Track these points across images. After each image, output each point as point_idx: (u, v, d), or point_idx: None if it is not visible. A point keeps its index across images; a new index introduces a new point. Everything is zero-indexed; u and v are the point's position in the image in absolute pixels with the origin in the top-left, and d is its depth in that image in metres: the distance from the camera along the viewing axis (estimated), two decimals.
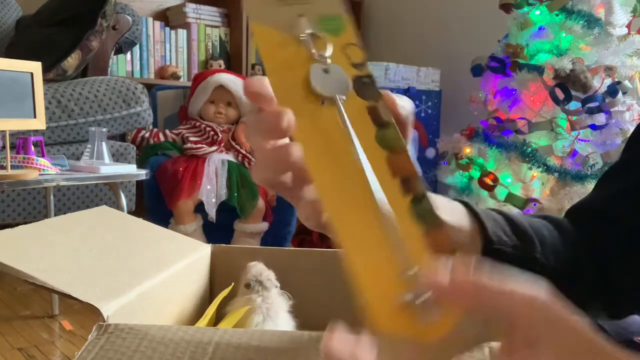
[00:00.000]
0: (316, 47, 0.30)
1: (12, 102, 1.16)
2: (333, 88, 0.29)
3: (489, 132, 1.97)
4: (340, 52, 0.30)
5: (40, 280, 0.45)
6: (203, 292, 0.69)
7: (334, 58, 0.30)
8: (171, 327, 0.38)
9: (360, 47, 0.31)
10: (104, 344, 0.36)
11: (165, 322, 0.57)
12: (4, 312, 1.54)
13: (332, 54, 0.30)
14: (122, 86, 1.85)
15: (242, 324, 0.61)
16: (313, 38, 0.30)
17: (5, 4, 2.11)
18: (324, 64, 0.29)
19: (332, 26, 0.31)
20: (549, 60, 1.86)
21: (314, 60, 0.29)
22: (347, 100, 0.29)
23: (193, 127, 2.10)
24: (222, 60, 2.70)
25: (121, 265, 0.55)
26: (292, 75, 0.29)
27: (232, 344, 0.36)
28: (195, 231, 1.90)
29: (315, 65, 0.29)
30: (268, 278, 0.64)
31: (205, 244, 0.72)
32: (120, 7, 2.02)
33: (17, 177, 1.20)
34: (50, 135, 1.68)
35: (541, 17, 1.97)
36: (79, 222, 0.65)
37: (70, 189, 1.69)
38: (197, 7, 2.68)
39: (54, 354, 1.29)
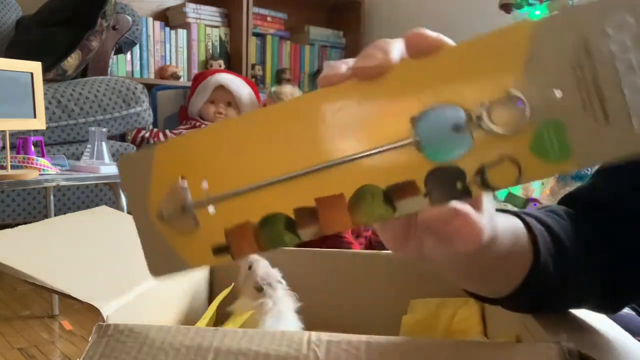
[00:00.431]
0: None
1: (12, 102, 1.16)
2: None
3: None
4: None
5: (40, 280, 0.45)
6: (203, 292, 0.69)
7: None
8: (171, 329, 0.38)
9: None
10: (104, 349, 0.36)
11: (165, 322, 0.57)
12: (4, 312, 1.54)
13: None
14: (122, 86, 1.85)
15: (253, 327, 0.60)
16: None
17: (5, 4, 2.11)
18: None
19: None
20: None
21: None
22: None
23: (193, 127, 2.10)
24: (222, 60, 2.70)
25: (121, 265, 0.55)
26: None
27: (232, 350, 0.35)
28: None
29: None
30: (276, 279, 0.64)
31: None
32: (120, 7, 2.02)
33: (17, 177, 1.20)
34: (50, 135, 1.68)
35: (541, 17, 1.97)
36: (79, 222, 0.65)
37: (70, 189, 1.69)
38: (197, 7, 2.68)
39: (54, 354, 1.29)
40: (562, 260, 0.39)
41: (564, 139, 0.25)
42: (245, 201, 0.29)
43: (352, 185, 0.27)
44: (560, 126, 0.25)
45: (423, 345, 0.36)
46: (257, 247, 0.29)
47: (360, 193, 0.27)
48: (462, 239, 0.28)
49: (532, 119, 0.25)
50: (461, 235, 0.28)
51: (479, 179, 0.26)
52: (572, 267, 0.40)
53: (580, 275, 0.40)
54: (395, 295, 0.66)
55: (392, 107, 0.27)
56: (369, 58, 0.27)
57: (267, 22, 2.93)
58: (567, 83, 0.25)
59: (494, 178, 0.26)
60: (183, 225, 0.30)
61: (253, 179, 0.28)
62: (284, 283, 0.64)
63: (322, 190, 0.28)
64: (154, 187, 0.30)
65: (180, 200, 0.30)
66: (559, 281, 0.39)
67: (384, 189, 0.27)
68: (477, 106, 0.26)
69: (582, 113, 0.25)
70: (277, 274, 0.65)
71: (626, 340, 0.39)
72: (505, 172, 0.26)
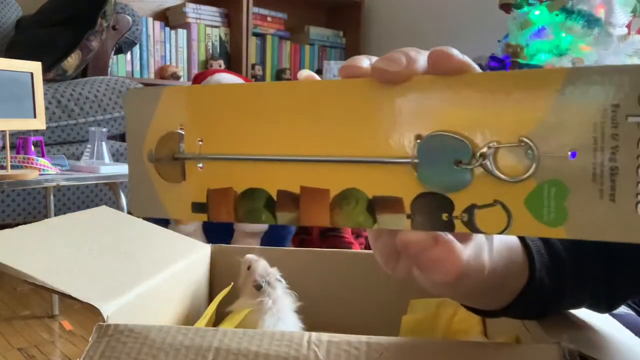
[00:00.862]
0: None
1: (12, 102, 1.16)
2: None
3: None
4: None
5: (40, 280, 0.45)
6: (203, 292, 0.69)
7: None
8: (170, 329, 0.38)
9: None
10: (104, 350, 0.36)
11: (165, 322, 0.57)
12: (4, 312, 1.54)
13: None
14: (122, 86, 1.85)
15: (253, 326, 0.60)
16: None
17: (5, 4, 2.11)
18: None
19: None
20: (549, 60, 1.86)
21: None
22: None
23: None
24: (222, 60, 2.70)
25: (121, 265, 0.55)
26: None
27: (231, 350, 0.35)
28: (195, 231, 1.90)
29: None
30: (275, 277, 0.64)
31: (205, 244, 0.72)
32: (120, 7, 2.02)
33: (17, 177, 1.20)
34: (50, 135, 1.68)
35: (541, 17, 1.97)
36: (79, 222, 0.65)
37: (70, 189, 1.69)
38: (197, 7, 2.68)
39: (54, 354, 1.29)
40: (557, 271, 0.39)
41: (563, 203, 0.24)
42: (234, 168, 0.29)
43: (340, 185, 0.27)
44: (564, 189, 0.24)
45: (423, 345, 0.36)
46: (234, 215, 0.29)
47: (346, 194, 0.27)
48: (439, 270, 0.27)
49: (537, 173, 0.24)
50: (438, 266, 0.27)
51: (466, 216, 0.25)
52: (567, 275, 0.40)
53: (575, 279, 0.40)
54: (395, 295, 0.66)
55: (401, 118, 0.26)
56: (393, 62, 0.26)
57: (267, 22, 2.93)
58: (584, 147, 0.23)
59: (481, 220, 0.25)
60: (170, 173, 0.30)
61: (248, 149, 0.28)
62: (283, 282, 0.64)
63: (310, 180, 0.27)
64: (153, 128, 0.30)
65: (173, 148, 0.30)
66: (554, 292, 0.39)
67: (370, 197, 0.27)
68: (485, 145, 0.25)
69: (590, 183, 0.23)
70: (276, 273, 0.65)
71: (628, 340, 0.39)
72: (494, 218, 0.25)
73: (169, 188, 0.30)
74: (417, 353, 0.35)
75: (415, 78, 0.26)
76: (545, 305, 0.40)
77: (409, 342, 0.37)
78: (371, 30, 3.11)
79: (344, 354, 0.35)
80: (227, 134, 0.29)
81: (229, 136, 0.29)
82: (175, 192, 0.30)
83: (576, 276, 0.40)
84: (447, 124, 0.25)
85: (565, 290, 0.40)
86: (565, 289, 0.40)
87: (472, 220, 0.25)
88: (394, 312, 0.64)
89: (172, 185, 0.30)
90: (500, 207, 0.25)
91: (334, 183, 0.27)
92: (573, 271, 0.40)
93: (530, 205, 0.24)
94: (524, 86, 0.24)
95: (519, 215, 0.25)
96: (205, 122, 0.29)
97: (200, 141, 0.29)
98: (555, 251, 0.40)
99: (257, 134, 0.28)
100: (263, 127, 0.28)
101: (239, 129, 0.29)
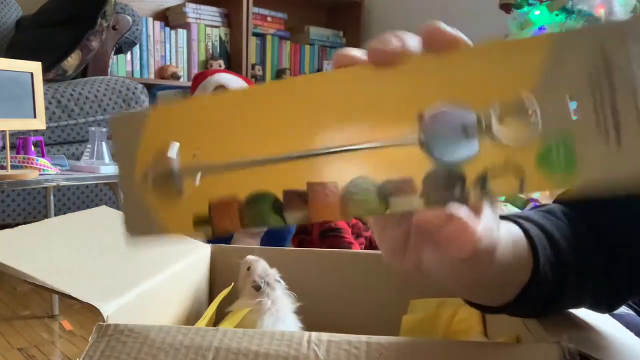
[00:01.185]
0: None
1: (12, 102, 1.16)
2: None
3: None
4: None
5: (40, 280, 0.45)
6: (203, 292, 0.69)
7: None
8: (171, 329, 0.38)
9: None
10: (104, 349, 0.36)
11: (165, 322, 0.57)
12: (4, 312, 1.54)
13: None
14: (122, 86, 1.85)
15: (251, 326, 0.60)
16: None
17: (5, 4, 2.11)
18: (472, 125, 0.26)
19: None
20: None
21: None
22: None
23: None
24: (222, 60, 2.71)
25: (121, 265, 0.55)
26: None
27: (231, 349, 0.35)
28: None
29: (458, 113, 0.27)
30: (275, 278, 0.64)
31: (205, 244, 0.72)
32: (120, 7, 2.02)
33: (17, 177, 1.20)
34: (50, 135, 1.68)
35: (541, 17, 1.97)
36: (79, 222, 0.65)
37: (70, 189, 1.69)
38: (197, 7, 2.68)
39: (54, 354, 1.29)
40: (560, 267, 0.39)
41: (571, 152, 0.24)
42: (234, 176, 0.28)
43: (347, 175, 0.27)
44: (570, 138, 0.24)
45: (423, 345, 0.36)
46: (239, 223, 0.28)
47: (355, 184, 0.26)
48: (456, 245, 0.27)
49: (543, 129, 0.25)
50: (455, 241, 0.27)
51: (479, 185, 0.25)
52: (570, 272, 0.40)
53: (577, 277, 0.40)
54: (395, 295, 0.66)
55: (400, 99, 0.26)
56: (386, 43, 0.26)
57: (267, 22, 2.93)
58: (583, 98, 0.24)
59: (495, 186, 0.25)
60: (167, 191, 0.29)
61: (246, 154, 0.28)
62: (283, 283, 0.64)
63: (315, 175, 0.27)
64: (143, 148, 0.29)
65: (168, 165, 0.29)
66: (557, 288, 0.39)
67: (380, 183, 0.26)
68: (488, 109, 0.25)
69: (594, 130, 0.24)
70: (276, 274, 0.65)
71: (629, 340, 0.39)
72: (507, 181, 0.25)
73: (166, 206, 0.29)
74: (417, 353, 0.35)
75: (410, 59, 0.26)
76: (548, 301, 0.40)
77: (409, 342, 0.37)
78: (371, 30, 3.11)
79: (344, 354, 0.35)
80: (222, 142, 0.28)
81: (223, 144, 0.28)
82: (174, 209, 0.29)
83: (578, 273, 0.40)
84: (448, 98, 0.26)
85: (568, 286, 0.40)
86: (568, 286, 0.40)
87: (486, 187, 0.25)
88: (394, 312, 0.64)
89: (169, 203, 0.29)
90: (512, 169, 0.25)
91: (341, 175, 0.27)
92: (575, 267, 0.40)
93: (540, 161, 0.25)
94: (517, 50, 0.25)
95: (531, 173, 0.25)
96: (197, 135, 0.28)
97: (194, 155, 0.29)
98: (559, 247, 0.40)
99: (253, 137, 0.28)
100: (257, 129, 0.28)
101: (233, 135, 0.28)
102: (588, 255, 0.41)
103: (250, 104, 0.28)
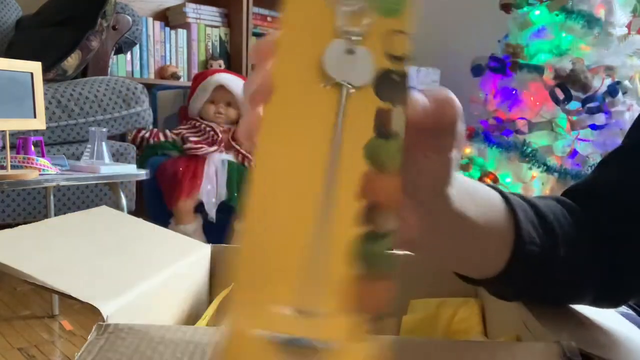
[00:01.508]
0: (349, 21, 0.24)
1: (12, 102, 1.16)
2: (347, 73, 0.24)
3: (489, 132, 1.98)
4: (381, 37, 0.24)
5: (40, 280, 0.45)
6: (203, 292, 0.69)
7: (370, 42, 0.24)
8: (171, 327, 0.38)
9: (408, 39, 0.24)
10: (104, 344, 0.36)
11: (165, 322, 0.57)
12: (4, 312, 1.54)
13: (367, 35, 0.24)
14: (122, 86, 1.85)
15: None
16: (351, 13, 0.24)
17: (5, 4, 2.11)
18: (350, 43, 0.24)
19: (386, 4, 0.25)
20: (549, 60, 1.86)
21: (340, 34, 0.24)
22: (357, 93, 0.24)
23: (193, 127, 2.10)
24: (222, 60, 2.71)
25: (121, 265, 0.55)
26: (307, 42, 0.24)
27: None
28: (195, 231, 1.90)
29: (338, 40, 0.24)
30: None
31: (205, 244, 0.72)
32: (120, 7, 2.02)
33: (17, 177, 1.20)
34: (50, 135, 1.68)
35: (541, 17, 1.97)
36: (79, 222, 0.65)
37: (70, 189, 1.69)
38: (197, 7, 2.68)
39: (54, 354, 1.29)
40: (548, 235, 0.38)
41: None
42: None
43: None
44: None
45: (423, 345, 0.36)
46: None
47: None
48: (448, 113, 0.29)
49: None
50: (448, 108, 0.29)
51: (384, 55, 0.24)
52: (562, 246, 0.39)
53: (574, 260, 0.40)
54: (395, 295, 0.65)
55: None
56: (249, 84, 0.25)
57: (267, 22, 2.93)
58: None
59: (393, 49, 0.24)
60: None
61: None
62: None
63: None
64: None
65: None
66: (547, 255, 0.38)
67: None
68: (339, 31, 0.24)
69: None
70: None
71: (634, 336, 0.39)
72: (398, 41, 0.24)
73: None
74: (417, 353, 0.35)
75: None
76: (539, 275, 0.39)
77: (409, 342, 0.37)
78: None
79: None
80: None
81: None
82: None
83: (570, 247, 0.39)
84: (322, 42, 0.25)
85: (559, 258, 0.39)
86: (558, 246, 0.39)
87: (389, 52, 0.24)
88: (394, 312, 0.64)
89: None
90: (394, 33, 0.24)
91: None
92: (567, 241, 0.39)
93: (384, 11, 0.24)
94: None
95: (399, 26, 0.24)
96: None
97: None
98: (543, 213, 0.39)
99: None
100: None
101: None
102: (590, 246, 0.41)
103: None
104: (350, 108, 0.24)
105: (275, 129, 0.24)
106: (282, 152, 0.24)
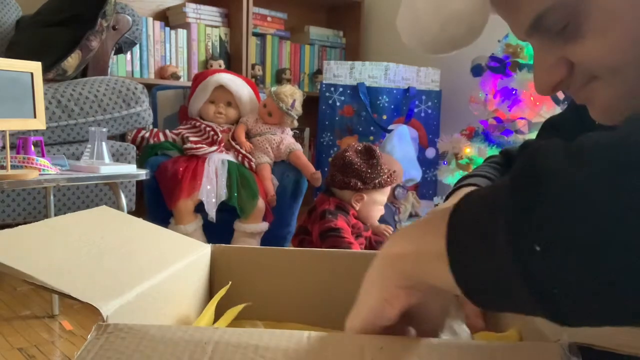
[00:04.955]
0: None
1: (12, 102, 1.16)
2: None
3: (489, 132, 1.98)
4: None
5: (40, 280, 0.45)
6: (203, 292, 0.69)
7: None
8: (171, 327, 0.38)
9: None
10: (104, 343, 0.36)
11: (165, 322, 0.57)
12: (4, 312, 1.54)
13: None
14: (122, 86, 1.85)
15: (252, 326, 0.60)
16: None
17: (5, 4, 2.11)
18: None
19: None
20: None
21: None
22: None
23: (193, 127, 2.10)
24: (222, 60, 2.70)
25: (121, 265, 0.55)
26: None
27: (231, 343, 0.36)
28: (195, 231, 1.90)
29: None
30: None
31: (205, 244, 0.72)
32: (120, 7, 2.02)
33: (17, 177, 1.20)
34: (50, 135, 1.68)
35: None
36: (79, 222, 0.64)
37: (70, 189, 1.69)
38: (197, 7, 2.68)
39: (54, 354, 1.29)
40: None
41: None
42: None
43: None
44: None
45: (423, 345, 0.36)
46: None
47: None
48: None
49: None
50: None
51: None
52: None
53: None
54: None
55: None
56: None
57: (267, 22, 2.93)
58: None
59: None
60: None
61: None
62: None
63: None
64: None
65: None
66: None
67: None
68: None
69: None
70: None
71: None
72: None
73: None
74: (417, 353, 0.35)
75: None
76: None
77: (410, 342, 0.37)
78: (371, 30, 3.10)
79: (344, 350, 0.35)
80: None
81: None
82: None
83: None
84: None
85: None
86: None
87: None
88: None
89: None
90: None
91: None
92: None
93: None
94: None
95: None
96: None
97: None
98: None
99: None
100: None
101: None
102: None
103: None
104: None
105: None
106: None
